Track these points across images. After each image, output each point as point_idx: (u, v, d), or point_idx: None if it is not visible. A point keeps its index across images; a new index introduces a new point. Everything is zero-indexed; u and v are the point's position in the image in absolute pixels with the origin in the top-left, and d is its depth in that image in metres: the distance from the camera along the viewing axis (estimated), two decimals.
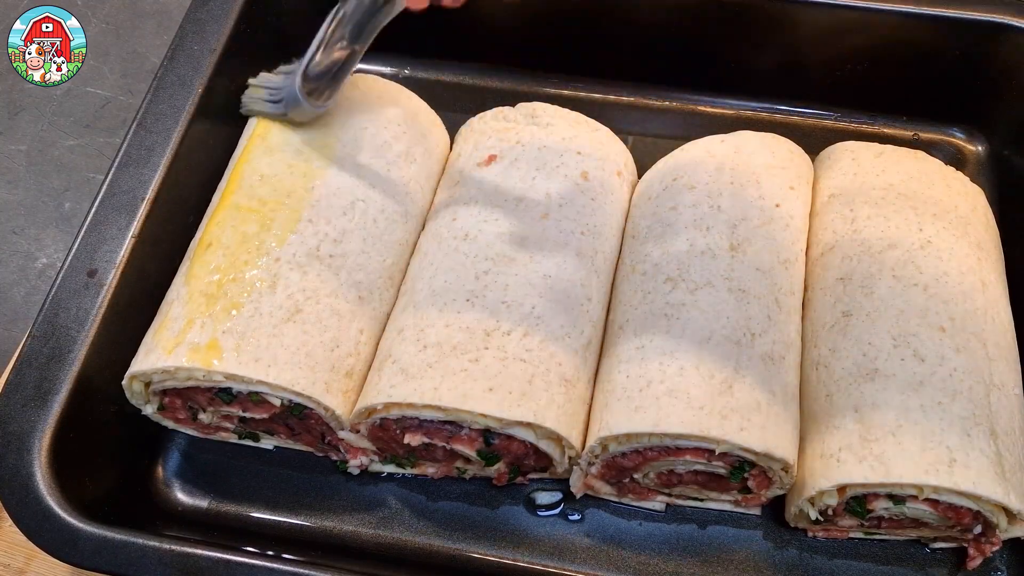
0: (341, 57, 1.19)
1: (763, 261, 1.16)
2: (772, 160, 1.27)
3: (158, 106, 1.27)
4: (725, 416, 1.03)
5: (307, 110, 1.23)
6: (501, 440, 1.09)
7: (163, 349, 1.09)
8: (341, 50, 1.19)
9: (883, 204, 1.22)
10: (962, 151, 1.46)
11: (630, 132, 1.45)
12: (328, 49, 1.19)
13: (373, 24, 1.16)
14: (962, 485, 1.00)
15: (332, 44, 1.19)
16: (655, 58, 1.48)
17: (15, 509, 1.03)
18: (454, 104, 1.50)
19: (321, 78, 1.21)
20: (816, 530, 1.14)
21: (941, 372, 1.07)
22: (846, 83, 1.45)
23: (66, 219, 1.51)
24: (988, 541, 1.09)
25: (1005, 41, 1.35)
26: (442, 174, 1.33)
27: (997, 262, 1.22)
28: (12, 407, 1.07)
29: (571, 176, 1.24)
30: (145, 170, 1.22)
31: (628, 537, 1.17)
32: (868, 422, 1.05)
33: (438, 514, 1.19)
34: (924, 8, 1.35)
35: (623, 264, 1.23)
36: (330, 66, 1.20)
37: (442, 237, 1.21)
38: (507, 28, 1.49)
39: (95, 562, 1.01)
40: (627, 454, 1.08)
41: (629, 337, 1.13)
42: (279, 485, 1.21)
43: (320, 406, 1.09)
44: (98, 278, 1.15)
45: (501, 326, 1.10)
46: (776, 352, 1.10)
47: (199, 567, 1.00)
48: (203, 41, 1.32)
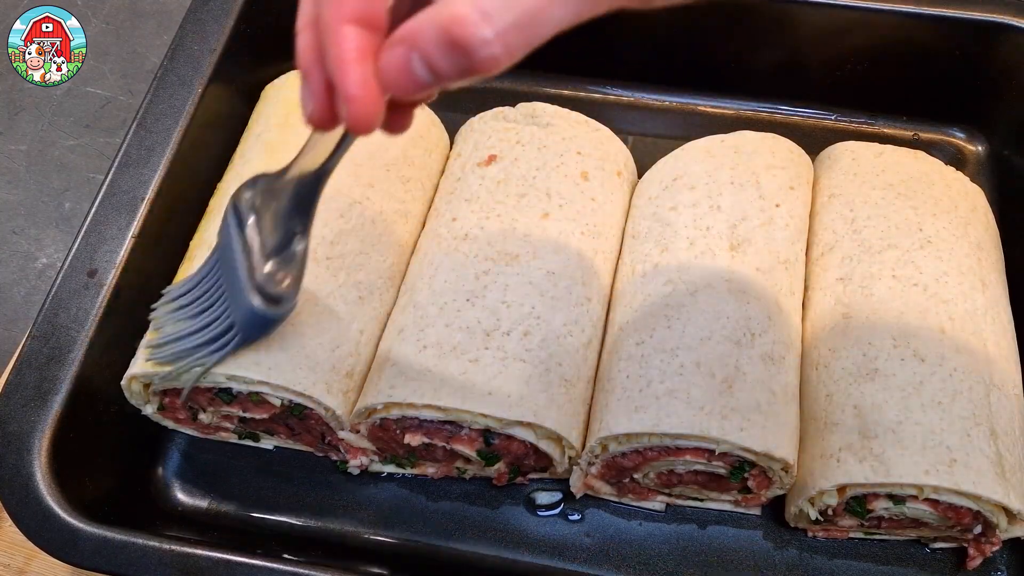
0: (299, 251, 0.99)
1: (763, 261, 1.16)
2: (772, 160, 1.27)
3: (158, 106, 1.27)
4: (725, 416, 1.03)
5: (275, 321, 1.03)
6: (501, 440, 1.09)
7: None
8: (292, 243, 0.99)
9: (883, 204, 1.22)
10: (962, 151, 1.46)
11: (630, 132, 1.45)
12: (271, 253, 0.99)
13: (317, 194, 0.95)
14: (962, 485, 1.00)
15: (275, 244, 0.99)
16: (655, 58, 1.48)
17: (15, 509, 1.03)
18: (454, 104, 1.49)
19: (284, 287, 1.01)
20: (816, 530, 1.14)
21: (941, 372, 1.07)
22: (846, 83, 1.45)
23: (66, 219, 1.51)
24: (988, 541, 1.09)
25: (1005, 41, 1.35)
26: (442, 174, 1.33)
27: (997, 262, 1.22)
28: (12, 407, 1.07)
29: (571, 176, 1.24)
30: (145, 170, 1.22)
31: (628, 537, 1.17)
32: (868, 422, 1.05)
33: (438, 514, 1.19)
34: (924, 8, 1.35)
35: (623, 264, 1.23)
36: (289, 268, 1.00)
37: (442, 237, 1.21)
38: None
39: (95, 562, 1.01)
40: (627, 454, 1.08)
41: (629, 336, 1.13)
42: (279, 485, 1.21)
43: (320, 406, 1.09)
44: (98, 278, 1.15)
45: (501, 326, 1.10)
46: (776, 352, 1.10)
47: (199, 567, 1.00)
48: (203, 41, 1.32)
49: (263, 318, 1.01)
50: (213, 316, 1.05)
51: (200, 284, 1.07)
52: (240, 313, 1.02)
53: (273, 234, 0.99)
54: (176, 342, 1.07)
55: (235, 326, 1.03)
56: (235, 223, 1.01)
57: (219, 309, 1.04)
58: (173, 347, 1.07)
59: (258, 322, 1.02)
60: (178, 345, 1.06)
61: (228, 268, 1.02)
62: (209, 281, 1.06)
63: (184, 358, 1.06)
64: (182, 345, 1.06)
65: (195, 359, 1.05)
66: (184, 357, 1.06)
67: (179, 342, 1.06)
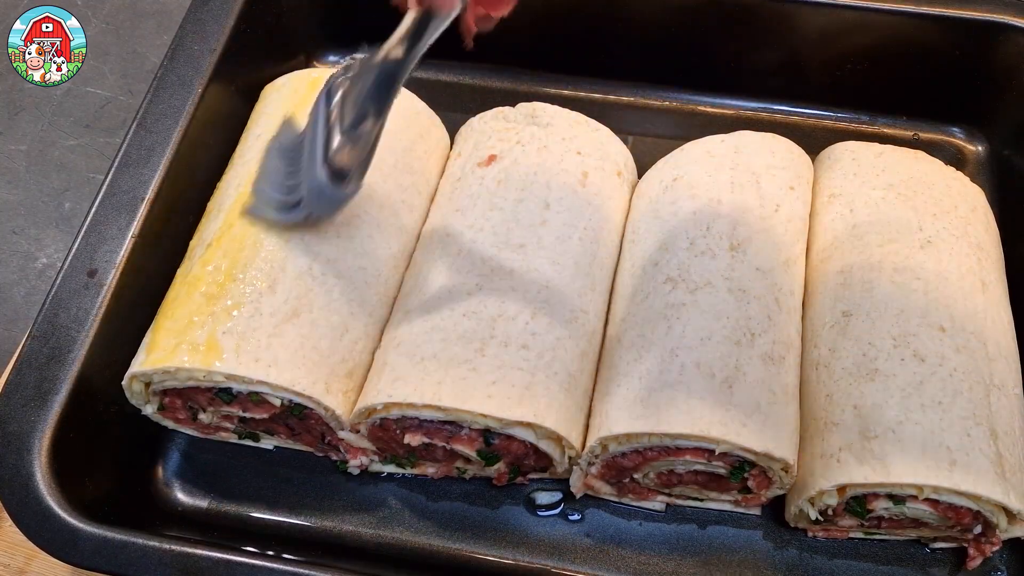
0: (367, 132, 1.05)
1: (763, 261, 1.16)
2: (772, 160, 1.27)
3: (158, 106, 1.27)
4: (725, 416, 1.03)
5: (338, 200, 1.09)
6: (501, 440, 1.09)
7: (163, 349, 1.09)
8: (363, 124, 1.04)
9: (883, 204, 1.22)
10: (962, 151, 1.46)
11: (630, 132, 1.45)
12: (345, 130, 1.04)
13: (397, 82, 1.02)
14: (962, 485, 1.00)
15: (349, 122, 1.04)
16: (655, 58, 1.48)
17: (15, 509, 1.03)
18: (454, 104, 1.50)
19: (347, 163, 1.06)
20: (816, 530, 1.14)
21: (941, 372, 1.07)
22: (846, 83, 1.45)
23: (66, 219, 1.51)
24: (988, 541, 1.09)
25: (1005, 41, 1.35)
26: (442, 174, 1.33)
27: (997, 262, 1.22)
28: (12, 407, 1.07)
29: (571, 176, 1.24)
30: (145, 170, 1.22)
31: (628, 537, 1.17)
32: (868, 422, 1.05)
33: (438, 514, 1.19)
34: (924, 8, 1.35)
35: (623, 264, 1.23)
36: (356, 147, 1.06)
37: (442, 237, 1.21)
38: (507, 28, 1.49)
39: (95, 562, 1.01)
40: (627, 454, 1.08)
41: (629, 337, 1.13)
42: (279, 485, 1.21)
43: (320, 406, 1.09)
44: (98, 278, 1.15)
45: (501, 326, 1.10)
46: (776, 352, 1.10)
47: (199, 567, 1.00)
48: (203, 41, 1.32)
49: (327, 193, 1.06)
50: (294, 182, 1.09)
51: (299, 147, 1.09)
52: (309, 186, 1.07)
53: (351, 113, 1.04)
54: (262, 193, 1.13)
55: (303, 199, 1.08)
56: (324, 99, 1.06)
57: (297, 177, 1.09)
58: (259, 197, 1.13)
59: (323, 197, 1.07)
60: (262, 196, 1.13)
61: (310, 140, 1.06)
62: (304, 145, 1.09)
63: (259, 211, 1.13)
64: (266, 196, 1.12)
65: (269, 214, 1.12)
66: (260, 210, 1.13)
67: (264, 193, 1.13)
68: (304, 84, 1.32)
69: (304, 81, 1.32)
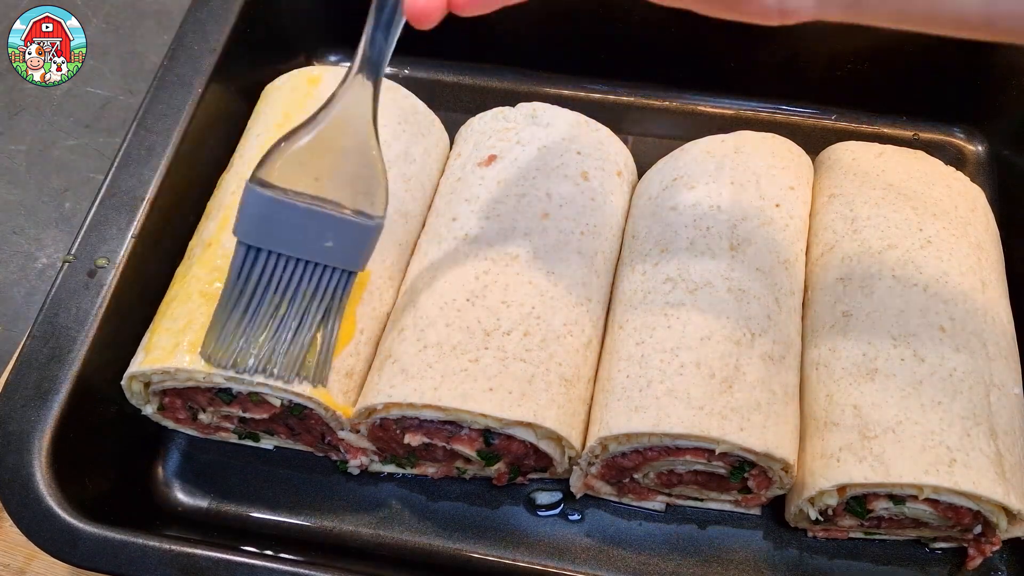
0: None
1: (763, 261, 1.16)
2: (772, 160, 1.27)
3: (158, 106, 1.27)
4: (725, 416, 1.03)
5: (367, 235, 1.04)
6: (501, 440, 1.09)
7: (163, 349, 1.09)
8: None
9: (883, 204, 1.22)
10: (962, 151, 1.46)
11: (630, 132, 1.45)
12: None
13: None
14: (962, 485, 1.00)
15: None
16: (655, 58, 1.48)
17: (15, 509, 1.03)
18: (454, 104, 1.50)
19: None
20: (816, 530, 1.14)
21: (941, 372, 1.07)
22: (846, 83, 1.45)
23: (66, 219, 1.51)
24: (988, 541, 1.09)
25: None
26: (442, 174, 1.33)
27: (997, 262, 1.22)
28: (12, 407, 1.07)
29: (571, 176, 1.24)
30: (145, 170, 1.22)
31: (628, 537, 1.17)
32: (868, 422, 1.05)
33: (438, 514, 1.19)
34: None
35: (623, 264, 1.23)
36: None
37: (442, 237, 1.21)
38: (507, 28, 1.49)
39: (95, 562, 1.01)
40: (627, 454, 1.08)
41: (629, 336, 1.13)
42: (279, 485, 1.21)
43: (320, 406, 1.09)
44: (98, 278, 1.15)
45: (501, 326, 1.10)
46: (776, 352, 1.10)
47: (199, 567, 1.00)
48: (203, 41, 1.32)
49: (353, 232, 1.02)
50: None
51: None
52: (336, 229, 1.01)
53: None
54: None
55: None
56: None
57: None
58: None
59: (350, 235, 1.02)
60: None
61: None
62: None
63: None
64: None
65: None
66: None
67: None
68: (304, 83, 1.31)
69: (304, 80, 1.32)
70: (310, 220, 1.00)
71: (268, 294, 1.03)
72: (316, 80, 1.31)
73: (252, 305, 1.03)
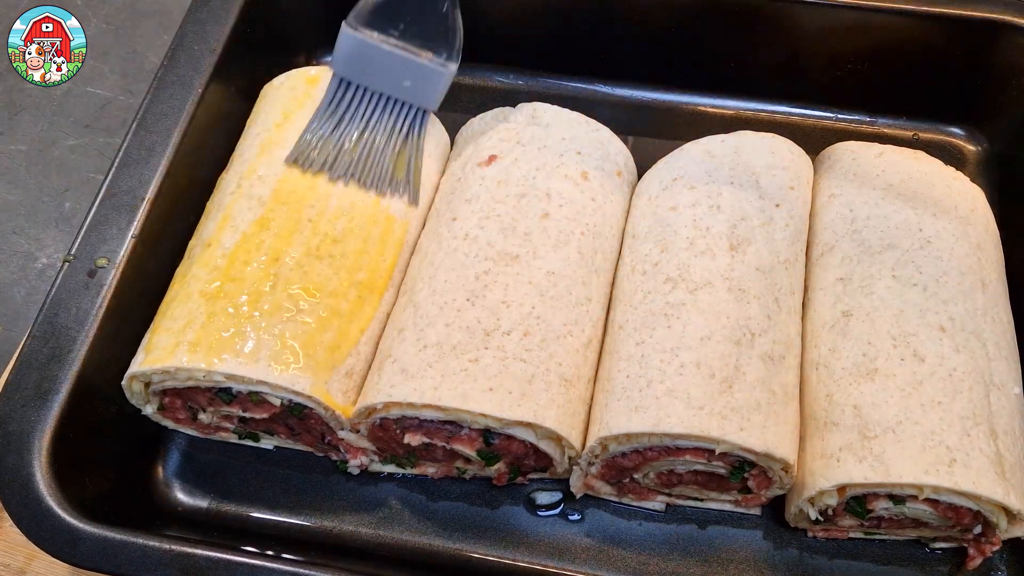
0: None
1: (763, 261, 1.16)
2: (772, 160, 1.27)
3: (158, 106, 1.27)
4: (725, 416, 1.03)
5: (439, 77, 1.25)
6: (501, 440, 1.09)
7: (163, 349, 1.09)
8: None
9: (883, 204, 1.22)
10: (962, 151, 1.46)
11: (630, 132, 1.45)
12: None
13: None
14: (962, 485, 1.00)
15: None
16: (655, 58, 1.48)
17: (15, 509, 1.03)
18: (454, 104, 1.49)
19: None
20: (816, 530, 1.14)
21: (941, 372, 1.07)
22: (846, 83, 1.45)
23: (66, 219, 1.51)
24: (988, 541, 1.09)
25: (1005, 41, 1.35)
26: (442, 174, 1.33)
27: (997, 262, 1.22)
28: (12, 407, 1.07)
29: (571, 176, 1.24)
30: (145, 170, 1.22)
31: (628, 537, 1.17)
32: (868, 422, 1.05)
33: (438, 514, 1.19)
34: (924, 8, 1.35)
35: (623, 264, 1.23)
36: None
37: (442, 237, 1.21)
38: (507, 28, 1.49)
39: (95, 562, 1.01)
40: (627, 454, 1.08)
41: (629, 336, 1.13)
42: (279, 485, 1.21)
43: (320, 406, 1.09)
44: (98, 278, 1.15)
45: (501, 326, 1.10)
46: (776, 352, 1.10)
47: (199, 567, 1.00)
48: (203, 41, 1.32)
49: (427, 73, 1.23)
50: None
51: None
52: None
53: None
54: None
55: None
56: None
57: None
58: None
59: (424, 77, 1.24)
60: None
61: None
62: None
63: None
64: None
65: None
66: None
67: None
68: (303, 82, 1.32)
69: (303, 80, 1.32)
70: (393, 61, 1.20)
71: (356, 119, 1.23)
72: (315, 80, 1.31)
73: (343, 123, 1.22)
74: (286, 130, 1.25)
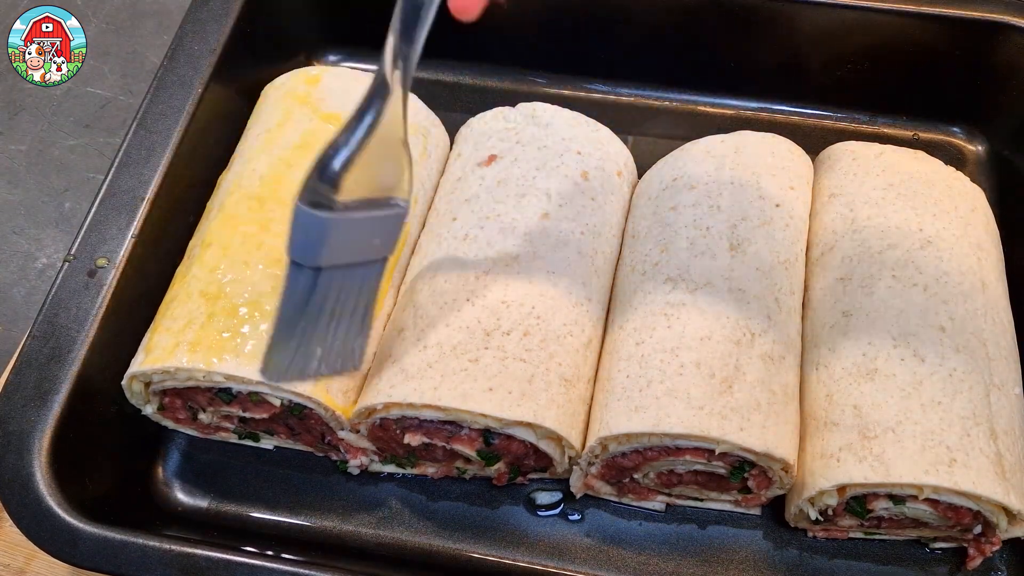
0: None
1: (763, 261, 1.16)
2: (772, 160, 1.27)
3: (158, 106, 1.27)
4: (725, 416, 1.03)
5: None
6: (501, 440, 1.09)
7: (163, 349, 1.09)
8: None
9: (883, 204, 1.22)
10: (962, 151, 1.46)
11: (630, 132, 1.45)
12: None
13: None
14: (962, 485, 1.00)
15: None
16: (655, 58, 1.48)
17: (15, 509, 1.03)
18: (454, 104, 1.50)
19: None
20: (816, 530, 1.14)
21: (941, 372, 1.07)
22: (846, 83, 1.45)
23: (66, 219, 1.51)
24: (988, 541, 1.09)
25: (1005, 41, 1.35)
26: (442, 174, 1.33)
27: (997, 262, 1.22)
28: (12, 407, 1.07)
29: (571, 176, 1.24)
30: (145, 170, 1.22)
31: (628, 537, 1.17)
32: (868, 422, 1.05)
33: (438, 514, 1.19)
34: (924, 8, 1.35)
35: (623, 264, 1.23)
36: None
37: (442, 237, 1.21)
38: (507, 28, 1.49)
39: (95, 562, 1.01)
40: (627, 454, 1.08)
41: (629, 336, 1.13)
42: (279, 485, 1.21)
43: (320, 406, 1.09)
44: (98, 278, 1.15)
45: (501, 326, 1.10)
46: (776, 352, 1.10)
47: (199, 567, 1.00)
48: (203, 41, 1.32)
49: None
50: None
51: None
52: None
53: None
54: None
55: None
56: None
57: None
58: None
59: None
60: None
61: None
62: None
63: None
64: None
65: None
66: None
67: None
68: (303, 83, 1.32)
69: (303, 80, 1.32)
70: (360, 227, 0.97)
71: (322, 307, 0.97)
72: (315, 80, 1.31)
73: (305, 322, 0.96)
74: (286, 130, 1.25)
